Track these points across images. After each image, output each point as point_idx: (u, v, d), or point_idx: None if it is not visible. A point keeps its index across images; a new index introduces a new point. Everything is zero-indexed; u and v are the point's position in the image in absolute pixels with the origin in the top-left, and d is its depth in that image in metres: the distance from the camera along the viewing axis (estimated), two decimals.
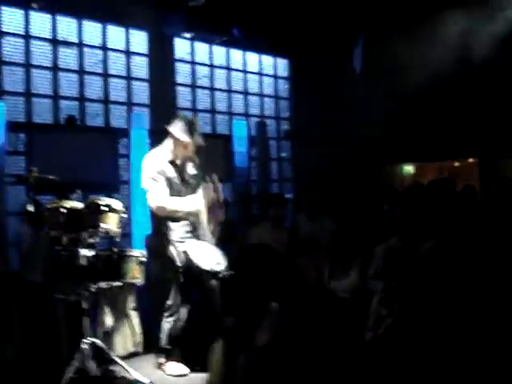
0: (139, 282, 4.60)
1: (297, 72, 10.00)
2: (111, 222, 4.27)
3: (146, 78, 8.17)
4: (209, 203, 4.79)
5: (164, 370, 4.69)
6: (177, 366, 4.69)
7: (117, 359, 4.37)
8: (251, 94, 9.63)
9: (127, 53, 8.02)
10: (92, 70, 7.69)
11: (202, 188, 4.80)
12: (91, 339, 4.24)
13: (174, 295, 4.66)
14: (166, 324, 4.71)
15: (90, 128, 7.57)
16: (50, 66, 7.34)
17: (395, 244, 4.94)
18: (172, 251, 4.67)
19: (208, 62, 9.03)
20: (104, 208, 4.21)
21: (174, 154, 4.87)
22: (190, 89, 8.78)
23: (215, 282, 4.72)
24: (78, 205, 4.26)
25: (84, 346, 4.18)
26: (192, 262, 4.59)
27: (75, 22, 7.55)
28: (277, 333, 2.51)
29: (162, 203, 4.65)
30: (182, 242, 4.69)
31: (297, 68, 10.00)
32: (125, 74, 7.98)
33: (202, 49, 8.95)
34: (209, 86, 9.02)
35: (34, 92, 7.22)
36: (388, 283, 4.53)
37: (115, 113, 7.87)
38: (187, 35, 8.47)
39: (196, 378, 4.54)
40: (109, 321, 5.04)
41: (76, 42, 7.54)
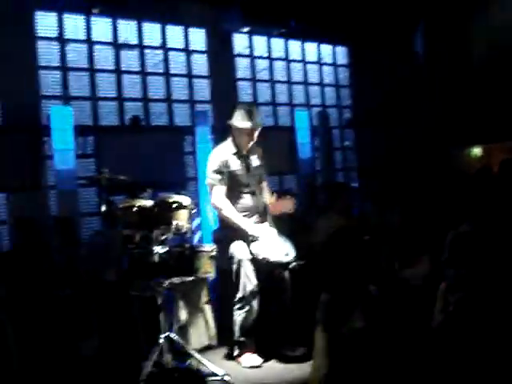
0: (211, 276, 4.65)
1: (356, 59, 9.89)
2: (182, 219, 4.33)
3: (207, 74, 8.25)
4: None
5: (239, 362, 4.74)
6: (251, 358, 4.72)
7: (192, 352, 4.43)
8: (311, 83, 9.58)
9: (187, 51, 8.12)
10: (154, 71, 7.82)
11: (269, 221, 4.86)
12: (167, 333, 4.32)
13: (244, 288, 4.69)
14: (238, 316, 4.74)
15: (154, 127, 7.72)
16: (113, 69, 7.51)
17: (465, 230, 4.81)
18: (238, 245, 4.70)
19: (267, 55, 9.03)
20: (174, 205, 4.28)
21: (237, 146, 4.91)
22: (250, 82, 8.82)
23: (286, 273, 4.74)
24: (149, 203, 4.34)
25: (160, 341, 4.26)
26: (260, 255, 4.62)
27: (135, 24, 7.70)
28: (374, 316, 2.52)
29: (220, 205, 4.75)
30: (249, 235, 4.72)
31: (356, 55, 9.89)
32: (186, 72, 8.09)
33: (260, 42, 8.97)
34: (269, 78, 9.03)
35: (100, 95, 7.40)
36: (457, 270, 4.42)
37: (178, 111, 7.99)
38: (245, 29, 8.51)
39: (270, 369, 4.57)
40: (183, 315, 5.11)
41: (137, 43, 7.69)
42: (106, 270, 5.09)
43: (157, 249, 4.31)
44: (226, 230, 4.82)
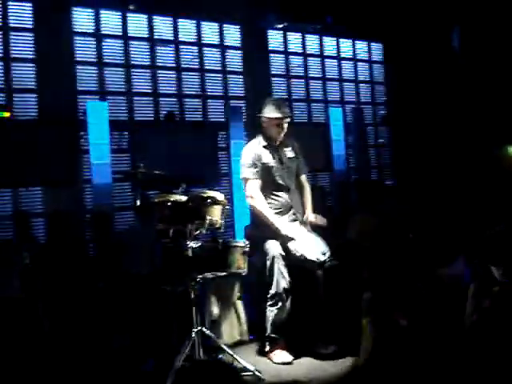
0: (244, 271, 4.65)
1: (391, 55, 9.79)
2: (216, 214, 4.33)
3: (241, 70, 8.25)
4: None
5: (271, 358, 4.73)
6: (282, 354, 4.72)
7: (224, 347, 4.44)
8: (346, 80, 9.52)
9: (221, 47, 8.13)
10: (188, 66, 7.86)
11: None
12: (199, 328, 4.34)
13: (277, 284, 4.68)
14: (270, 313, 4.74)
15: (189, 123, 7.75)
16: (149, 64, 7.57)
17: (501, 229, 4.74)
18: (272, 242, 4.69)
19: (301, 52, 9.00)
20: (208, 200, 4.29)
21: (268, 138, 4.90)
22: (284, 79, 8.80)
23: (319, 271, 4.71)
24: (183, 198, 4.36)
25: (192, 335, 4.28)
26: (298, 252, 4.61)
27: (170, 20, 7.74)
28: (420, 314, 2.52)
29: (255, 200, 4.74)
30: (283, 235, 4.71)
31: (391, 51, 9.79)
32: (220, 69, 8.10)
33: (294, 38, 8.94)
34: (303, 75, 9.00)
35: (135, 91, 7.46)
36: (491, 270, 4.35)
37: (213, 107, 8.01)
38: (279, 26, 8.49)
39: (301, 366, 4.56)
40: (216, 310, 5.14)
41: (172, 39, 7.73)
42: (139, 264, 5.14)
43: (190, 243, 4.33)
44: (259, 227, 4.82)
